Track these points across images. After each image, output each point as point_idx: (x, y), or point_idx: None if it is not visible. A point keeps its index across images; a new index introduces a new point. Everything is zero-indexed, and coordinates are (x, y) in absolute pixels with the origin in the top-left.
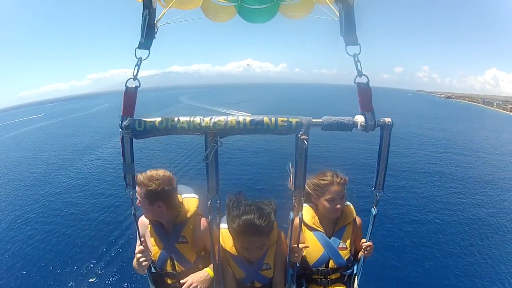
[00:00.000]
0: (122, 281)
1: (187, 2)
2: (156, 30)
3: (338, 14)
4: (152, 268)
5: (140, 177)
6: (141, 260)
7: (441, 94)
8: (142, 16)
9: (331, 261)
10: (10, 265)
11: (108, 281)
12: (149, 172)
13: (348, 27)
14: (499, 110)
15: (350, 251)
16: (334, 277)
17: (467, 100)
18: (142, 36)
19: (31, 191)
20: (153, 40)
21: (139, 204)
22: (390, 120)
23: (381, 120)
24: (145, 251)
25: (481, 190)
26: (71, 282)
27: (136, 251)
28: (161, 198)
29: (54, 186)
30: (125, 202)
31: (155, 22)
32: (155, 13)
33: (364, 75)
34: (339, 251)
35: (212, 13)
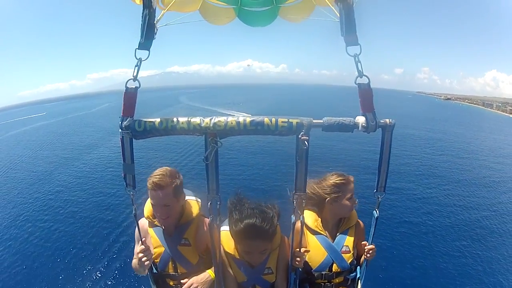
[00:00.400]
0: (124, 277)
1: (184, 6)
2: (155, 31)
3: (338, 15)
4: (154, 268)
5: (160, 179)
6: (143, 259)
7: (440, 96)
8: (142, 17)
9: (334, 264)
10: (12, 261)
11: (110, 277)
12: (160, 171)
13: (349, 27)
14: (498, 112)
15: (353, 254)
16: (337, 281)
17: (466, 102)
18: (142, 37)
19: (32, 189)
20: (153, 40)
21: (164, 215)
22: (392, 121)
23: (383, 121)
24: (146, 250)
25: (476, 192)
26: (73, 278)
27: (137, 250)
28: (183, 188)
29: (55, 185)
30: (125, 201)
31: (155, 23)
32: (154, 14)
33: (365, 75)
34: (342, 254)
35: (211, 16)
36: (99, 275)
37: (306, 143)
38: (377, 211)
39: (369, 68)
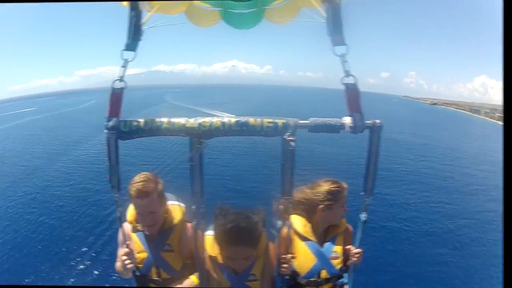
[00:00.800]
0: (108, 269)
1: (171, 8)
2: (142, 32)
3: (325, 16)
4: (137, 272)
5: (144, 185)
6: (126, 262)
7: (427, 100)
8: (129, 18)
9: (324, 271)
10: None
11: (96, 268)
12: (142, 178)
13: (336, 27)
14: (486, 118)
15: (343, 260)
16: None
17: (454, 107)
18: (128, 38)
19: (21, 182)
20: (140, 42)
21: (150, 222)
22: (380, 122)
23: (370, 121)
24: (130, 254)
25: (458, 200)
26: (59, 268)
27: (121, 253)
28: (165, 193)
29: (43, 179)
30: (110, 197)
31: (141, 24)
32: (141, 15)
33: (352, 75)
34: (332, 260)
35: (196, 18)
36: (85, 266)
37: (292, 144)
38: (364, 215)
39: (354, 71)
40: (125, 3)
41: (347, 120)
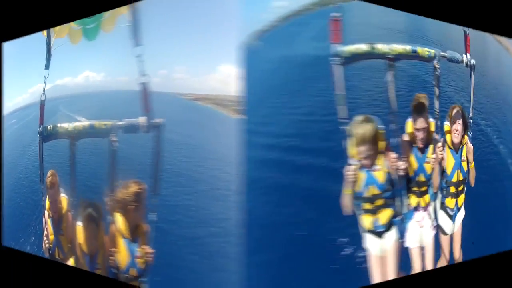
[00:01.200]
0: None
1: (62, 32)
2: (51, 54)
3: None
4: (50, 250)
5: (53, 179)
6: (45, 242)
7: (189, 96)
8: (46, 44)
9: (132, 269)
10: None
11: (37, 239)
12: (51, 173)
13: (133, 29)
14: (225, 112)
15: (144, 260)
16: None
17: (206, 102)
18: (46, 59)
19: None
20: (51, 61)
21: (56, 209)
22: (161, 121)
23: (154, 120)
24: (47, 235)
25: (207, 205)
26: (24, 234)
27: (44, 233)
28: None
29: (18, 171)
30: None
31: (51, 47)
32: (51, 41)
33: (145, 75)
34: (137, 259)
35: (72, 37)
36: (34, 235)
37: (114, 144)
38: (153, 215)
39: (133, 71)
40: (44, 32)
41: (141, 120)
